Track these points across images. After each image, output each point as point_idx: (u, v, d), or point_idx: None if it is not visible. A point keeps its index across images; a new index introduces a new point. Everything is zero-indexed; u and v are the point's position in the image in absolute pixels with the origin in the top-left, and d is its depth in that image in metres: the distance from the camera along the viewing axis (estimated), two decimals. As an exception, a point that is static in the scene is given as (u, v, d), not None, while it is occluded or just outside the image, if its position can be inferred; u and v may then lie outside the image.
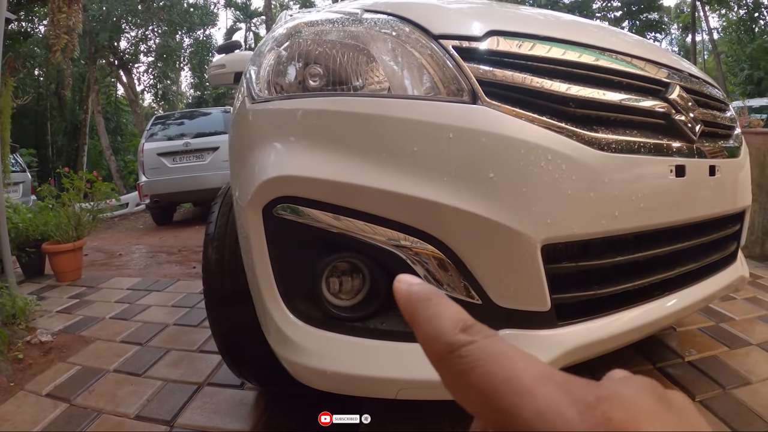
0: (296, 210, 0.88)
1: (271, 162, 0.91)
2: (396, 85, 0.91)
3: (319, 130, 0.90)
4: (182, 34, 18.66)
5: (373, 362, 0.86)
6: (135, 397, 1.57)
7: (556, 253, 0.92)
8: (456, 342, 0.18)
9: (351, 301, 0.92)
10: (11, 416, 1.53)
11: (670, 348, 1.71)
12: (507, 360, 0.17)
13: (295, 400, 1.47)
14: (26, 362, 1.92)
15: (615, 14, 21.96)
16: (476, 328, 0.19)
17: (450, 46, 0.91)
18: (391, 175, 0.84)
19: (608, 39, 1.13)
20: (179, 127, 7.22)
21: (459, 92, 0.88)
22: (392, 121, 0.86)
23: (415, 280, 0.22)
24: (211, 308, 1.32)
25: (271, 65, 1.02)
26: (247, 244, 0.95)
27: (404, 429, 1.30)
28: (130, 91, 17.27)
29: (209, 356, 1.85)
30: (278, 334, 0.92)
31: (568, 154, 0.88)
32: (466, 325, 0.19)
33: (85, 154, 14.79)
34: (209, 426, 1.39)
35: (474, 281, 0.87)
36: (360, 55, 0.94)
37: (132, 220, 8.30)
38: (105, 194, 3.84)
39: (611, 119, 1.01)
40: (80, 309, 2.63)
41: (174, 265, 3.91)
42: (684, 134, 1.11)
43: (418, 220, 0.85)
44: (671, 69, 1.19)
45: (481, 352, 0.18)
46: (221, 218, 1.33)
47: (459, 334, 0.18)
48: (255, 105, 1.01)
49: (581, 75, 0.99)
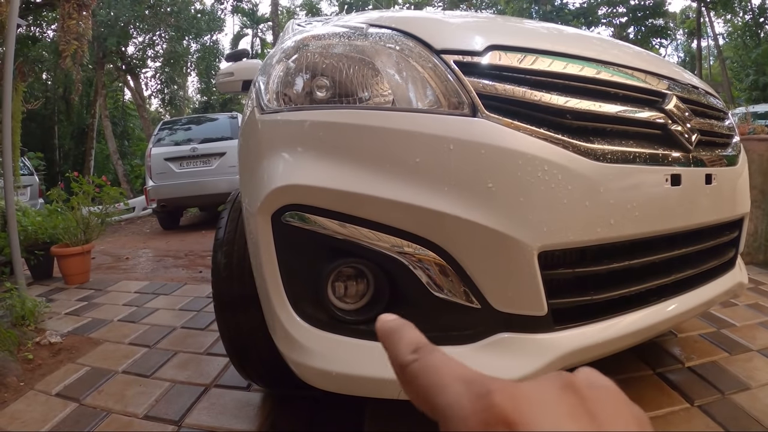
0: (303, 217, 0.91)
1: (280, 171, 0.95)
2: (400, 97, 0.95)
3: (326, 140, 0.94)
4: (189, 39, 18.76)
5: (376, 363, 0.89)
6: (143, 398, 1.60)
7: (553, 260, 0.95)
8: (405, 361, 0.24)
9: (356, 304, 0.96)
10: (21, 415, 1.56)
11: (670, 353, 1.73)
12: (437, 369, 0.23)
13: (300, 402, 1.50)
14: (36, 363, 1.96)
15: (620, 20, 21.96)
16: (424, 349, 0.25)
17: (451, 60, 0.95)
18: (394, 185, 0.88)
19: (609, 51, 1.16)
20: (186, 133, 7.27)
21: (459, 105, 0.92)
22: (396, 133, 0.90)
23: (390, 317, 0.28)
24: (219, 311, 1.35)
25: (280, 77, 1.06)
26: (256, 249, 0.99)
27: (406, 429, 1.33)
28: (137, 96, 17.39)
29: (216, 359, 1.88)
30: (285, 336, 0.96)
31: (564, 165, 0.91)
32: (417, 347, 0.25)
33: (92, 158, 14.89)
34: (216, 426, 1.42)
35: (473, 287, 0.90)
36: (365, 68, 0.97)
37: (139, 224, 8.36)
38: (114, 198, 3.88)
39: (608, 130, 1.04)
40: (88, 311, 2.67)
41: (181, 269, 3.95)
42: (680, 144, 1.14)
43: (420, 228, 0.88)
44: (671, 80, 1.22)
45: (420, 366, 0.23)
46: (230, 224, 1.37)
47: (409, 355, 0.24)
48: (264, 115, 1.05)
49: (579, 87, 1.02)
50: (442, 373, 0.22)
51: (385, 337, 0.27)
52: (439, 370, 0.23)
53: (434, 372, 0.23)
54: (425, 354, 0.24)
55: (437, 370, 0.23)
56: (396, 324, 0.27)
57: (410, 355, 0.24)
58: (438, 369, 0.23)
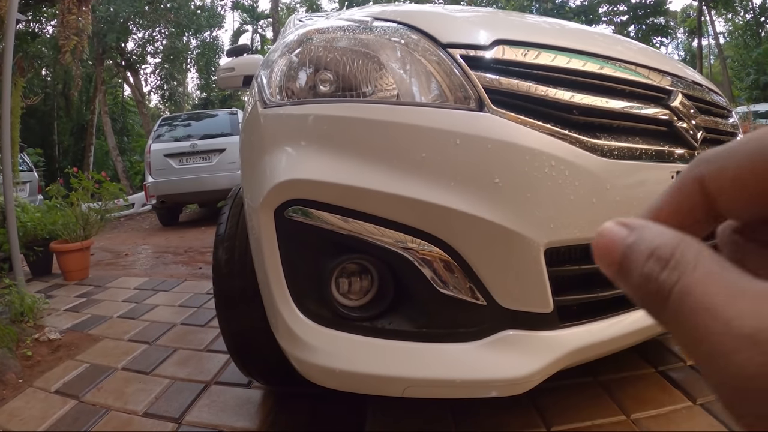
0: (307, 212, 0.90)
1: (283, 166, 0.94)
2: (405, 92, 0.94)
3: (330, 135, 0.93)
4: (189, 35, 18.74)
5: (380, 361, 0.88)
6: (143, 395, 1.60)
7: (559, 256, 0.94)
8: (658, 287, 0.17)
9: (359, 301, 0.95)
10: (20, 412, 1.55)
11: (672, 352, 1.72)
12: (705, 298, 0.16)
13: (301, 399, 1.50)
14: (35, 359, 1.95)
15: (621, 18, 21.94)
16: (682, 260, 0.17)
17: (457, 54, 0.94)
18: (399, 180, 0.87)
19: (613, 47, 1.15)
20: (186, 129, 7.26)
21: (466, 100, 0.91)
22: (401, 127, 0.89)
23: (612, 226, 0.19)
24: (220, 307, 1.34)
25: (283, 71, 1.04)
26: (258, 245, 0.98)
27: (409, 429, 1.32)
28: (137, 92, 17.38)
29: (216, 356, 1.88)
30: (287, 333, 0.95)
31: (571, 161, 0.90)
32: (669, 256, 0.17)
33: (92, 154, 14.88)
34: (217, 423, 1.41)
35: (479, 283, 0.89)
36: (370, 62, 0.96)
37: (138, 221, 8.35)
38: (113, 194, 3.87)
39: (614, 126, 1.03)
40: (88, 308, 2.66)
41: (180, 265, 3.94)
42: (686, 141, 1.13)
43: (425, 223, 0.87)
44: (674, 76, 1.21)
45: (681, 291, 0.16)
46: (232, 219, 1.36)
47: (662, 273, 0.17)
48: (267, 110, 1.03)
49: (585, 83, 1.01)
50: (715, 306, 0.15)
51: (615, 258, 0.18)
52: (710, 298, 0.15)
53: (701, 302, 0.15)
54: (685, 268, 0.16)
55: (705, 299, 0.15)
56: (626, 231, 0.18)
57: (663, 273, 0.16)
58: (707, 297, 0.15)
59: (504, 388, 0.90)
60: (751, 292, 0.15)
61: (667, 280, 0.16)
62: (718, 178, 0.19)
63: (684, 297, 0.15)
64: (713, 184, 0.19)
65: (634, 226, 0.18)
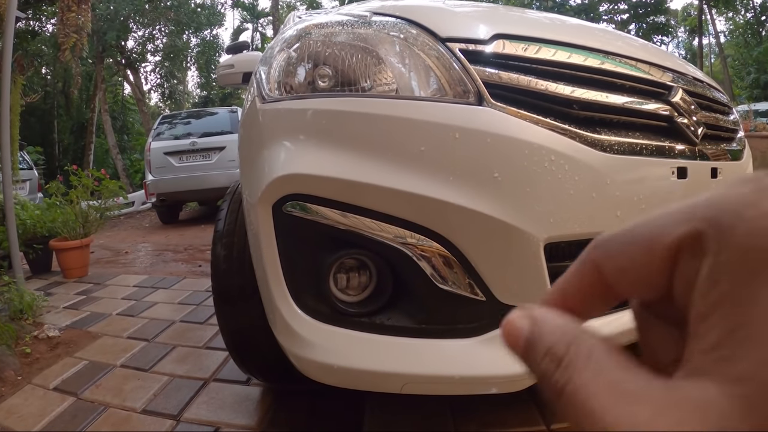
0: (305, 207, 0.90)
1: (281, 160, 0.93)
2: (404, 86, 0.93)
3: (329, 129, 0.92)
4: (189, 34, 18.77)
5: (378, 357, 0.88)
6: (142, 392, 1.60)
7: (559, 252, 0.94)
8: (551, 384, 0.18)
9: (358, 296, 0.94)
10: (18, 409, 1.55)
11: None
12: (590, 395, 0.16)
13: (300, 396, 1.49)
14: (34, 357, 1.95)
15: (622, 17, 21.91)
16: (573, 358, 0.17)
17: (456, 48, 0.93)
18: (398, 174, 0.86)
19: (613, 42, 1.14)
20: (186, 127, 7.26)
21: (465, 94, 0.90)
22: (400, 122, 0.88)
23: (518, 316, 0.21)
24: (219, 304, 1.33)
25: (282, 66, 1.04)
26: (256, 240, 0.97)
27: (407, 426, 1.32)
28: (137, 90, 17.38)
29: (215, 353, 1.87)
30: (286, 329, 0.94)
31: (570, 156, 0.89)
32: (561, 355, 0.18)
33: (92, 152, 14.88)
34: (215, 420, 1.41)
35: (478, 278, 0.89)
36: (368, 56, 0.95)
37: (138, 219, 8.35)
38: (113, 192, 3.87)
39: (614, 121, 1.03)
40: (87, 305, 2.66)
41: (180, 263, 3.94)
42: (686, 137, 1.12)
43: (424, 218, 0.87)
44: (675, 72, 1.20)
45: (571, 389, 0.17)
46: (230, 215, 1.35)
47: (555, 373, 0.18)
48: (265, 105, 1.03)
49: (585, 78, 1.00)
50: (595, 411, 0.15)
51: (518, 351, 0.20)
52: (593, 402, 0.16)
53: (586, 405, 0.16)
54: (575, 369, 0.17)
55: (588, 402, 0.16)
56: (527, 324, 0.19)
57: (556, 373, 0.17)
58: (590, 401, 0.16)
59: (504, 385, 0.90)
60: (632, 395, 0.15)
61: (560, 380, 0.17)
62: (607, 265, 0.20)
63: (572, 397, 0.16)
64: (605, 269, 0.20)
65: (535, 319, 0.19)
